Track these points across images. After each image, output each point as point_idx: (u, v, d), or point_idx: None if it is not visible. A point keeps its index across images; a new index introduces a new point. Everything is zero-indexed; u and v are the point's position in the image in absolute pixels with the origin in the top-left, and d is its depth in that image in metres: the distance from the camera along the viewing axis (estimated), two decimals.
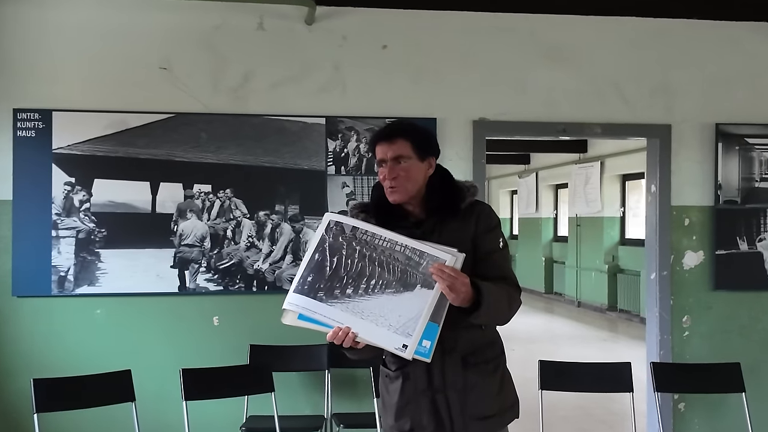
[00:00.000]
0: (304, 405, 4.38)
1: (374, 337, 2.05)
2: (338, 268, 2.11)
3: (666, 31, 4.70)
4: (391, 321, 2.06)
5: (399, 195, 2.24)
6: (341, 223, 2.16)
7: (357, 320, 2.06)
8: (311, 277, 2.10)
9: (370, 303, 2.08)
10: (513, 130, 4.77)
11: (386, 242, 2.14)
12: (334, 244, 2.14)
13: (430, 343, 2.06)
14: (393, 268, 2.12)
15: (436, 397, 2.22)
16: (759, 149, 4.73)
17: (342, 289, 2.09)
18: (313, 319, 2.07)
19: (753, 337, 4.72)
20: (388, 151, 2.24)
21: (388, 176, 2.23)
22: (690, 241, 4.72)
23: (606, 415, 5.70)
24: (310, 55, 4.47)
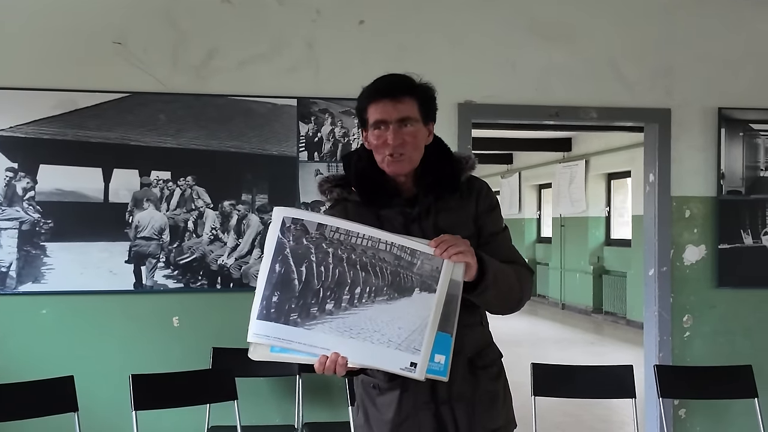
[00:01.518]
0: (273, 414, 3.97)
1: (371, 358, 1.69)
2: (309, 279, 1.71)
3: (667, 8, 4.38)
4: (390, 336, 1.69)
5: (403, 165, 1.90)
6: (300, 220, 1.75)
7: (345, 341, 1.68)
8: (277, 296, 1.70)
9: (359, 317, 1.70)
10: (502, 114, 4.40)
11: (366, 240, 1.75)
12: (298, 249, 1.72)
13: (445, 358, 1.70)
14: (381, 271, 1.73)
15: (440, 410, 1.86)
16: (765, 135, 4.41)
17: (320, 305, 1.70)
18: (290, 349, 1.69)
19: (759, 338, 4.40)
20: (393, 112, 1.88)
21: (393, 141, 1.87)
22: (691, 235, 4.39)
23: (598, 422, 5.36)
24: (281, 30, 4.08)
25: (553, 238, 12.93)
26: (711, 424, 4.33)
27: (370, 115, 1.90)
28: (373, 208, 1.91)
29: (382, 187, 1.93)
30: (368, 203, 1.92)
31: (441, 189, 1.92)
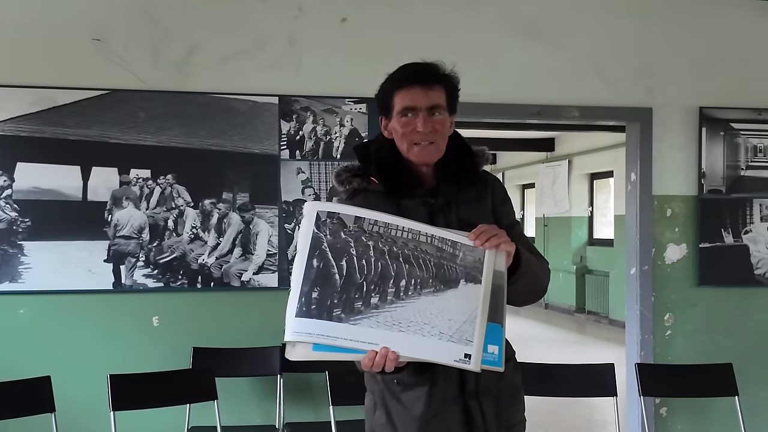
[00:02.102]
0: (254, 414, 3.94)
1: (423, 351, 1.64)
2: (351, 273, 1.66)
3: (648, 8, 4.39)
4: (441, 328, 1.65)
5: (431, 154, 1.88)
6: (336, 213, 1.70)
7: (394, 335, 1.62)
8: (317, 292, 1.63)
9: (407, 310, 1.65)
10: (484, 113, 4.39)
11: (406, 233, 1.71)
12: (336, 243, 1.67)
13: (498, 348, 1.68)
14: (425, 263, 1.70)
15: (468, 404, 1.84)
16: (745, 135, 4.43)
17: (364, 299, 1.64)
18: (336, 347, 1.61)
19: (739, 336, 4.42)
20: (424, 99, 1.86)
21: (423, 128, 1.84)
22: (672, 234, 4.40)
23: (580, 421, 5.37)
24: (263, 27, 4.05)
25: (537, 237, 12.96)
26: (692, 422, 4.34)
27: (397, 102, 1.87)
28: (395, 198, 1.87)
29: (405, 176, 1.90)
30: (391, 193, 1.87)
31: (462, 181, 1.92)
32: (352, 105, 4.11)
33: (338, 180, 1.95)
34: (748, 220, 4.42)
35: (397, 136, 1.89)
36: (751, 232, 4.42)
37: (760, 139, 4.44)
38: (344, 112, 4.11)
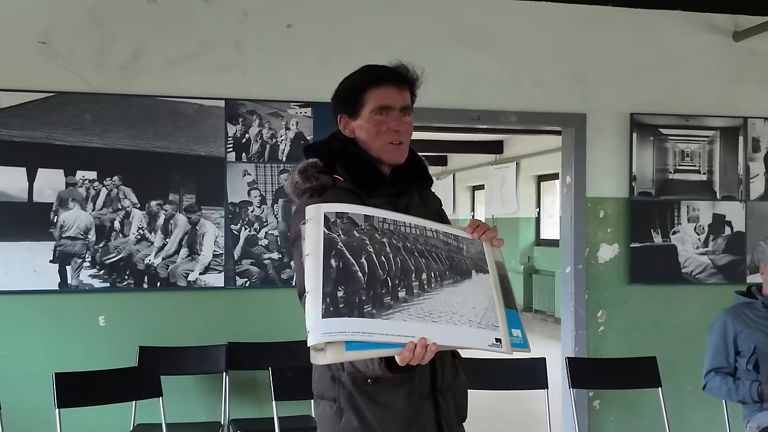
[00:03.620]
0: (200, 411, 4.01)
1: (458, 339, 1.64)
2: (373, 270, 1.62)
3: (584, 18, 4.57)
4: (468, 316, 1.66)
5: (402, 153, 1.91)
6: (345, 213, 1.66)
7: (429, 326, 1.59)
8: (342, 290, 1.56)
9: (435, 301, 1.64)
10: (425, 117, 4.51)
11: (413, 229, 1.73)
12: (352, 242, 1.63)
13: (521, 332, 1.73)
14: (438, 256, 1.72)
15: (438, 400, 1.89)
16: (673, 140, 4.66)
17: (392, 294, 1.61)
18: (372, 343, 1.54)
19: (668, 331, 4.63)
20: (399, 99, 1.89)
21: (399, 127, 1.87)
22: (605, 234, 4.61)
23: (518, 415, 5.55)
24: (208, 32, 4.13)
25: None
26: (623, 414, 4.54)
27: (371, 100, 1.87)
28: (362, 195, 1.85)
29: (373, 174, 1.89)
30: (363, 190, 1.86)
31: (421, 183, 1.99)
32: (297, 109, 4.21)
33: (304, 176, 1.88)
34: (676, 221, 4.65)
35: (368, 134, 1.88)
36: (678, 233, 4.65)
37: (687, 144, 4.67)
38: (290, 115, 4.21)
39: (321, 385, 1.89)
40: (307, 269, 1.59)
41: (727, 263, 4.66)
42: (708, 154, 4.69)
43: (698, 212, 4.67)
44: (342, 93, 1.95)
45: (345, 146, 1.92)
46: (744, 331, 3.51)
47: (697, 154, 4.68)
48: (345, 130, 1.93)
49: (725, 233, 4.69)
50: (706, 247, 4.67)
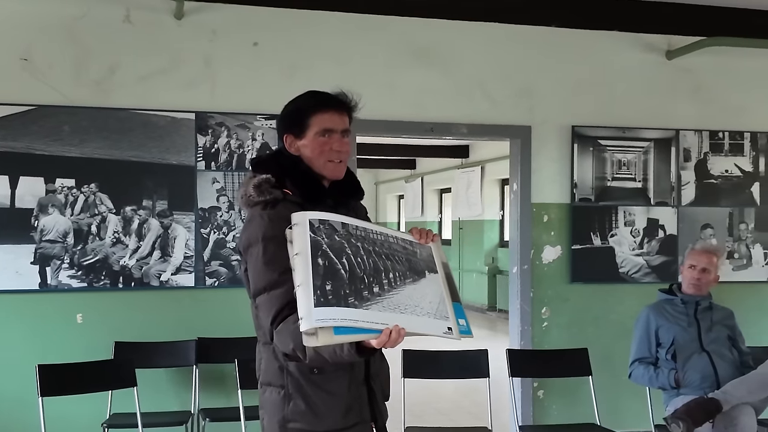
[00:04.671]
0: (172, 401, 4.32)
1: (420, 327, 1.91)
2: (353, 269, 1.89)
3: (528, 37, 4.94)
4: (427, 309, 1.95)
5: (342, 170, 2.15)
6: (327, 220, 1.93)
7: (398, 316, 1.88)
8: (330, 285, 1.83)
9: (400, 296, 1.93)
10: (382, 129, 4.89)
11: (378, 235, 2.02)
12: (334, 245, 1.90)
13: (465, 321, 2.03)
14: (399, 259, 2.02)
15: (371, 385, 2.17)
16: (611, 150, 5.05)
17: (369, 289, 1.89)
18: (355, 328, 1.80)
19: (606, 326, 5.01)
20: (340, 123, 2.14)
21: (341, 148, 2.12)
22: (549, 237, 4.98)
23: (473, 406, 5.91)
24: (179, 49, 4.44)
25: (453, 240, 13.58)
26: (564, 402, 4.90)
27: (315, 123, 2.10)
28: (308, 208, 2.01)
29: (319, 188, 2.12)
30: (308, 202, 2.05)
31: (356, 196, 2.27)
32: (263, 121, 4.54)
33: (258, 190, 2.07)
34: (614, 225, 5.04)
35: (312, 153, 2.10)
36: (616, 236, 5.04)
37: (624, 154, 5.07)
38: (256, 127, 4.53)
39: (268, 374, 2.12)
40: (297, 266, 1.83)
41: (660, 264, 5.06)
42: (643, 163, 5.09)
43: (634, 217, 5.07)
44: (289, 115, 2.17)
45: (294, 164, 2.14)
46: (664, 325, 3.91)
47: (632, 164, 5.08)
48: (290, 148, 2.15)
49: (659, 236, 5.10)
50: (641, 248, 5.07)
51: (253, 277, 2.05)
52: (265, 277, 2.01)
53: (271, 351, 2.09)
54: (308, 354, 1.91)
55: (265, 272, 2.01)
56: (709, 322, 3.91)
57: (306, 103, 2.16)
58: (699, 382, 3.73)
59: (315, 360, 1.93)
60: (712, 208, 5.19)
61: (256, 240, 2.03)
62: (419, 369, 4.02)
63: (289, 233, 1.91)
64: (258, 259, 2.03)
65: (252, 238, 2.05)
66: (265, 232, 2.03)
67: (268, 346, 2.10)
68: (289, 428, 2.08)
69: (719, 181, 5.20)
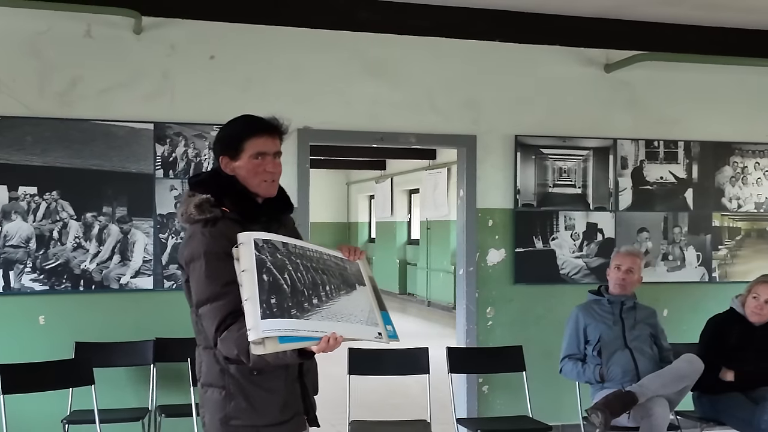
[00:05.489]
0: (131, 398, 4.54)
1: (355, 333, 2.15)
2: (294, 283, 2.11)
3: (473, 51, 5.21)
4: (359, 317, 2.19)
5: (275, 189, 2.36)
6: (269, 240, 2.15)
7: (335, 324, 2.10)
8: (274, 299, 2.04)
9: (336, 306, 2.15)
10: (336, 138, 5.15)
11: (313, 252, 2.24)
12: (277, 262, 2.11)
13: (392, 327, 2.26)
14: (333, 274, 2.24)
15: (304, 381, 2.39)
16: (552, 158, 5.33)
17: (308, 301, 2.10)
18: (297, 337, 2.02)
19: (547, 325, 5.27)
20: (273, 146, 2.34)
21: (274, 169, 2.33)
22: (493, 240, 5.26)
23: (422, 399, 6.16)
24: (139, 62, 4.65)
25: (421, 239, 13.86)
26: (508, 396, 5.14)
27: (250, 147, 2.29)
28: (244, 224, 2.23)
29: (255, 206, 2.31)
30: (247, 220, 2.24)
31: (287, 211, 2.49)
32: None
33: (200, 209, 2.25)
34: (555, 229, 5.33)
35: (247, 173, 2.30)
36: (557, 239, 5.33)
37: (564, 162, 5.36)
38: (212, 137, 4.70)
39: (210, 376, 2.31)
40: (244, 282, 2.04)
41: (598, 265, 5.35)
42: (582, 170, 5.39)
43: (574, 221, 5.36)
44: (225, 139, 2.37)
45: (231, 183, 2.33)
46: (592, 324, 4.20)
47: (573, 171, 5.37)
48: (226, 168, 2.34)
49: (597, 239, 5.39)
50: (580, 251, 5.36)
51: (196, 289, 2.25)
52: (208, 289, 2.21)
53: (212, 355, 2.29)
54: (252, 358, 2.12)
55: (207, 285, 2.21)
56: (632, 321, 4.20)
57: (241, 128, 2.36)
58: (621, 377, 4.02)
59: (258, 363, 2.14)
60: (647, 212, 5.49)
61: (198, 255, 2.23)
62: (364, 367, 4.27)
63: (235, 251, 2.12)
64: (201, 272, 2.23)
65: (195, 253, 2.25)
66: (207, 247, 2.22)
67: (209, 350, 2.30)
68: (231, 425, 2.28)
69: (654, 188, 5.51)
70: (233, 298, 2.15)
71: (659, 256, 5.51)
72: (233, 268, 2.18)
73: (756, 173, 5.69)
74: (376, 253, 16.32)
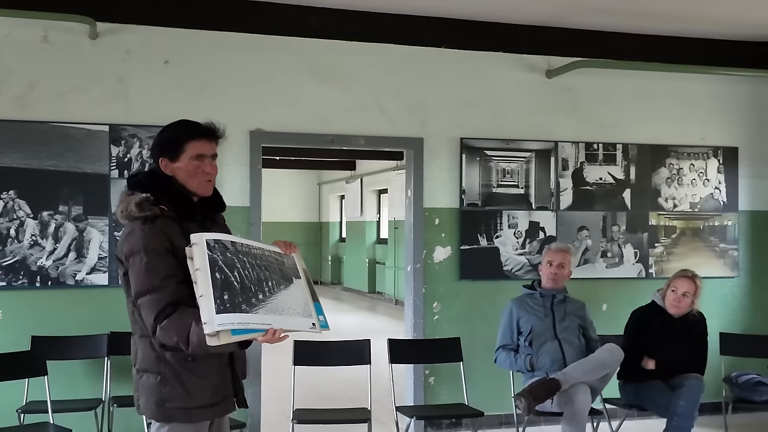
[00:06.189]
0: (86, 390, 4.71)
1: (293, 325, 2.35)
2: (243, 280, 2.29)
3: (421, 57, 5.44)
4: (297, 309, 2.39)
5: (211, 189, 2.56)
6: (220, 240, 2.34)
7: (277, 317, 2.31)
8: (227, 295, 2.22)
9: (278, 300, 2.36)
10: (287, 140, 5.35)
11: (257, 249, 2.42)
12: (227, 261, 2.30)
13: (323, 317, 2.45)
14: (274, 269, 2.43)
15: (234, 367, 2.59)
16: (496, 160, 5.58)
17: (255, 296, 2.29)
18: (247, 329, 2.22)
19: (492, 319, 5.45)
20: (211, 149, 2.54)
21: (212, 170, 2.53)
22: (440, 238, 5.49)
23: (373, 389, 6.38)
24: (95, 67, 4.83)
25: (389, 239, 14.09)
26: (453, 387, 5.34)
27: (190, 149, 2.49)
28: (181, 221, 2.44)
29: (191, 205, 2.52)
30: (184, 218, 2.45)
31: (219, 209, 2.70)
32: None
33: (140, 208, 2.43)
34: (498, 227, 5.57)
35: (187, 174, 2.50)
36: (500, 237, 5.58)
37: (507, 164, 5.60)
38: None
39: (146, 362, 2.49)
40: (199, 280, 2.24)
41: (540, 262, 5.57)
42: (525, 171, 5.64)
43: (517, 220, 5.61)
44: (165, 141, 2.58)
45: (170, 183, 2.53)
46: (524, 316, 4.45)
47: (516, 172, 5.62)
48: (165, 169, 2.54)
49: (539, 237, 5.65)
50: (523, 248, 5.61)
51: (136, 281, 2.44)
52: (148, 281, 2.40)
53: (148, 343, 2.49)
54: (191, 345, 2.34)
55: (147, 278, 2.41)
56: (563, 313, 4.45)
57: (182, 131, 2.57)
58: (549, 365, 4.26)
59: (197, 350, 2.33)
60: (587, 212, 5.76)
61: (138, 250, 2.43)
62: (309, 357, 4.49)
63: (188, 251, 2.32)
64: (141, 266, 2.42)
65: (134, 248, 2.44)
66: (147, 243, 2.42)
67: (145, 339, 2.50)
68: (166, 407, 2.47)
69: (594, 188, 5.78)
70: (171, 290, 2.36)
71: (598, 254, 5.78)
72: (171, 263, 2.40)
73: (691, 174, 5.98)
74: (346, 252, 16.54)
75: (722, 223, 6.05)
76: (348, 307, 13.72)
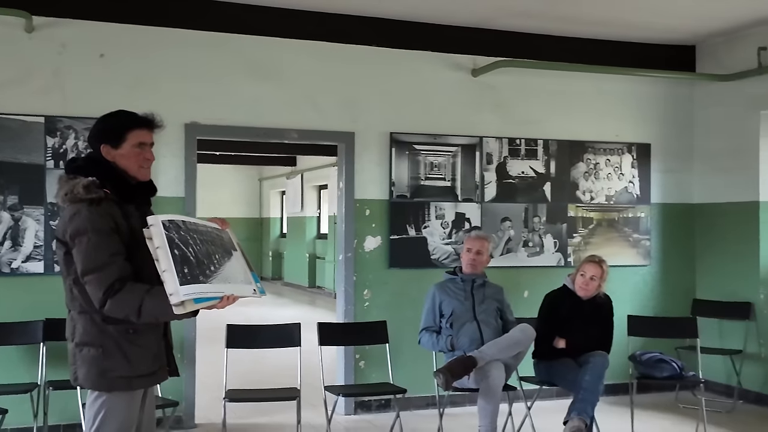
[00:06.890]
0: (22, 374, 4.80)
1: (240, 291, 2.64)
2: (197, 255, 2.55)
3: (353, 55, 5.68)
4: (241, 278, 2.67)
5: (149, 173, 2.79)
6: (173, 219, 2.58)
7: (228, 285, 2.59)
8: (186, 268, 2.49)
9: (226, 270, 2.63)
10: (222, 133, 5.53)
11: (202, 227, 2.67)
12: (182, 238, 2.55)
13: (260, 284, 2.73)
14: (217, 243, 2.68)
15: (168, 339, 2.84)
16: (424, 154, 5.86)
17: (208, 268, 2.56)
18: (206, 297, 2.51)
19: (420, 305, 5.65)
20: (150, 138, 2.77)
21: (151, 157, 2.77)
22: (370, 228, 5.74)
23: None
24: (30, 60, 4.93)
25: (329, 234, 14.28)
26: (382, 370, 5.58)
27: (132, 138, 2.71)
28: (122, 204, 2.64)
29: (131, 189, 2.73)
30: (126, 200, 2.66)
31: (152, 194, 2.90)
32: None
33: (87, 190, 2.60)
34: (426, 218, 5.85)
35: (128, 161, 2.71)
36: (428, 227, 5.86)
37: (435, 158, 5.89)
38: None
39: (87, 336, 2.66)
40: (160, 257, 2.48)
41: None
42: (452, 165, 5.93)
43: (444, 211, 5.90)
44: (107, 129, 2.76)
45: (112, 169, 2.72)
46: (446, 299, 4.72)
47: (443, 165, 5.91)
48: (107, 156, 2.72)
49: (465, 227, 5.95)
50: (450, 238, 5.91)
51: (83, 259, 2.60)
52: (97, 259, 2.58)
53: (89, 318, 2.65)
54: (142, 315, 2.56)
55: (96, 255, 2.58)
56: (482, 297, 4.74)
57: (124, 120, 2.77)
58: (468, 345, 4.54)
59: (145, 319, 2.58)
60: (510, 203, 6.08)
61: (85, 230, 2.60)
62: (241, 340, 4.68)
63: (147, 232, 2.54)
64: (89, 245, 2.59)
65: (81, 228, 2.61)
66: (94, 224, 2.60)
67: (85, 315, 2.66)
68: (108, 377, 2.64)
69: (516, 181, 6.11)
70: (119, 266, 2.58)
71: (520, 243, 6.11)
72: (117, 242, 2.62)
73: (607, 169, 6.37)
74: (287, 248, 16.67)
75: (636, 215, 6.46)
76: (288, 301, 13.89)
